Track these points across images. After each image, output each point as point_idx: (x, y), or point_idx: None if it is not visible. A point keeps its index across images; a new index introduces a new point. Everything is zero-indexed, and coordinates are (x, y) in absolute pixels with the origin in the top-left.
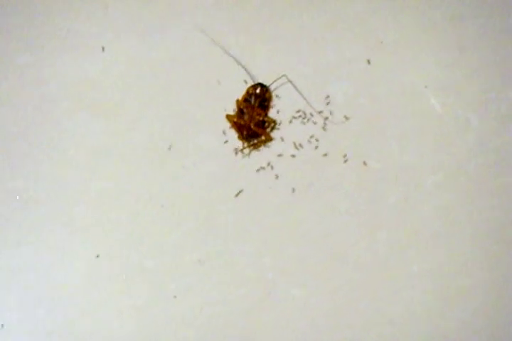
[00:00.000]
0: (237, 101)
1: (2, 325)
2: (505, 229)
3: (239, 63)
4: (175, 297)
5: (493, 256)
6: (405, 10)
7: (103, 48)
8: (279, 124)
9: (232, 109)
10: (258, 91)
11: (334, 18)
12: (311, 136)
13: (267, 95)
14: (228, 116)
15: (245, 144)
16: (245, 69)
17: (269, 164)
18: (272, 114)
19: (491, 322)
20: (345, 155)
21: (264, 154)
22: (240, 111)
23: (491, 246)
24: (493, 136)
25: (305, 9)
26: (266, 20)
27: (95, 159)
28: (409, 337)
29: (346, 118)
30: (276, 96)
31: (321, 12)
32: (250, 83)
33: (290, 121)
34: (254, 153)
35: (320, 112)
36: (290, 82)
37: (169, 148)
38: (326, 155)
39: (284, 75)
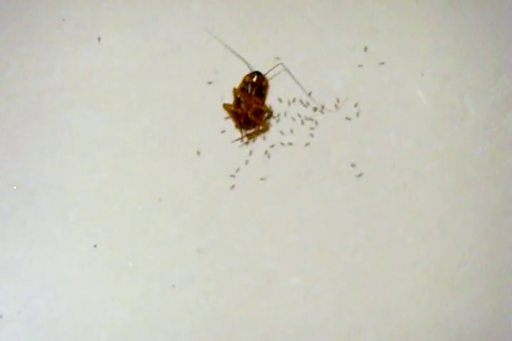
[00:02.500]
0: (234, 90)
1: (1, 316)
2: (504, 216)
3: (238, 55)
4: (173, 286)
5: (493, 242)
6: None
7: (99, 39)
8: (277, 115)
9: (229, 98)
10: (255, 79)
11: (331, 6)
12: (308, 124)
13: (263, 83)
14: (225, 105)
15: (243, 133)
16: (243, 60)
17: (266, 152)
18: (270, 102)
19: (493, 309)
20: (342, 143)
21: (261, 143)
22: (237, 100)
23: (490, 232)
24: (491, 123)
25: None
26: (263, 9)
27: (93, 150)
28: (410, 324)
29: (343, 105)
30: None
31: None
32: (247, 71)
33: (286, 111)
34: (252, 142)
35: (316, 100)
36: (286, 70)
37: (167, 139)
38: (323, 143)
39: (280, 63)
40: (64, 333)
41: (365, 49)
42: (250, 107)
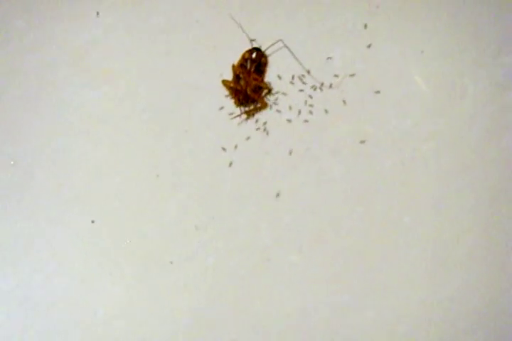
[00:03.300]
0: (233, 66)
1: None
2: (501, 196)
3: (240, 26)
4: (171, 263)
5: (490, 222)
6: None
7: (98, 13)
8: (276, 92)
9: (228, 75)
10: (254, 56)
11: None
12: (307, 101)
13: (262, 60)
14: (224, 82)
15: (242, 110)
16: (245, 33)
17: (264, 129)
18: (269, 78)
19: (489, 289)
20: (341, 121)
21: (259, 120)
22: (236, 77)
23: (486, 212)
24: (490, 102)
25: None
26: None
27: (91, 126)
28: (407, 303)
29: (342, 83)
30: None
31: None
32: (247, 47)
33: (285, 88)
34: (251, 118)
35: (316, 78)
36: (286, 46)
37: (165, 115)
38: (321, 120)
39: (280, 40)
40: (61, 308)
41: (365, 26)
42: (249, 84)
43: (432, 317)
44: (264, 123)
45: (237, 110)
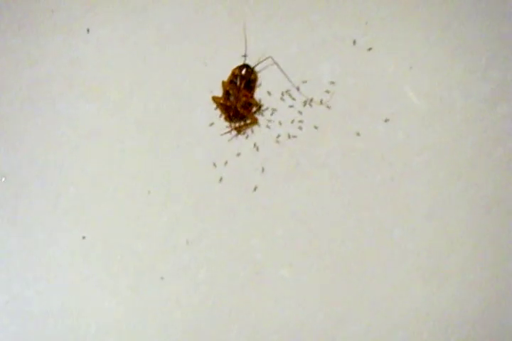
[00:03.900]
0: (223, 82)
1: None
2: (492, 209)
3: (236, 41)
4: (162, 278)
5: (481, 235)
6: None
7: (88, 30)
8: (266, 108)
9: (218, 91)
10: (244, 72)
11: None
12: (297, 117)
13: (252, 76)
14: (214, 98)
15: (231, 126)
16: (245, 44)
17: (254, 145)
18: (259, 94)
19: (482, 300)
20: (330, 136)
21: (249, 136)
22: (226, 93)
23: (478, 225)
24: (479, 116)
25: None
26: (253, 1)
27: (83, 141)
28: (400, 315)
29: (332, 98)
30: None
31: None
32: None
33: (274, 104)
34: (240, 134)
35: (305, 93)
36: (275, 63)
37: (157, 131)
38: (311, 135)
39: (269, 57)
40: (54, 323)
41: (354, 42)
42: (239, 100)
43: (426, 329)
44: (257, 140)
45: (228, 126)
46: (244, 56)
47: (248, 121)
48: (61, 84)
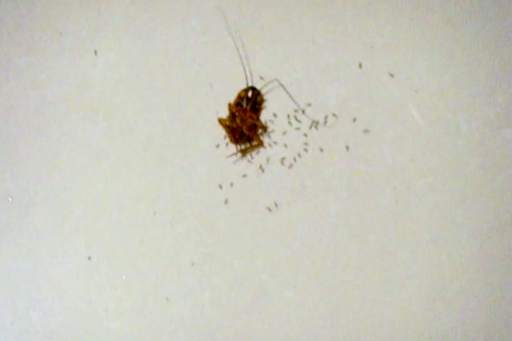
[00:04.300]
0: (229, 105)
1: None
2: (496, 232)
3: (242, 64)
4: (167, 299)
5: (485, 258)
6: (397, 15)
7: (95, 52)
8: (272, 130)
9: (224, 113)
10: (250, 94)
11: (326, 22)
12: (302, 139)
13: (258, 99)
14: (220, 120)
15: (237, 148)
16: (245, 71)
17: (260, 167)
18: (265, 117)
19: (485, 324)
20: (335, 158)
21: (255, 158)
22: (232, 115)
23: (481, 249)
24: (483, 140)
25: (297, 13)
26: (259, 24)
27: (90, 162)
28: (403, 338)
29: (337, 121)
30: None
31: (313, 16)
32: (243, 86)
33: (280, 126)
34: (246, 156)
35: (311, 116)
36: (281, 85)
37: (162, 153)
38: (316, 158)
39: (275, 79)
40: None
41: (360, 65)
42: (245, 122)
43: None
44: (262, 162)
45: (233, 148)
46: (246, 79)
47: (254, 143)
48: (68, 106)
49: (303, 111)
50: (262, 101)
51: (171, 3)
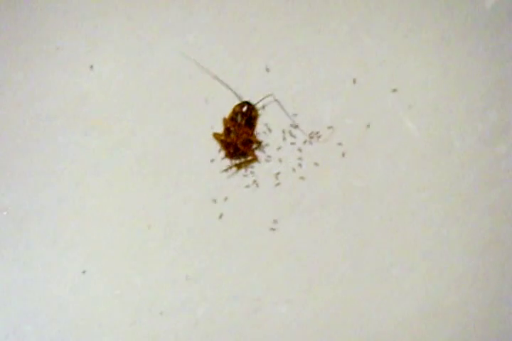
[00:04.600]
0: (224, 119)
1: None
2: (490, 248)
3: (226, 85)
4: (161, 313)
5: (479, 274)
6: (391, 32)
7: (91, 67)
8: (266, 144)
9: (219, 128)
10: (244, 109)
11: (321, 39)
12: (296, 155)
13: (253, 114)
14: (215, 135)
15: (232, 163)
16: (232, 90)
17: (254, 182)
18: (260, 132)
19: (481, 338)
20: (330, 174)
21: (249, 172)
22: (227, 130)
23: (476, 265)
24: (477, 156)
25: (292, 29)
26: (254, 40)
27: (84, 176)
28: None
29: (331, 137)
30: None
31: (308, 32)
32: (238, 101)
33: (275, 141)
34: (241, 171)
35: (305, 131)
36: (277, 100)
37: (157, 167)
38: (311, 173)
39: (270, 94)
40: None
41: (354, 81)
42: (240, 137)
43: None
44: (257, 177)
45: (228, 162)
46: (236, 95)
47: (248, 158)
48: (64, 120)
49: (297, 126)
50: (257, 116)
51: (167, 19)
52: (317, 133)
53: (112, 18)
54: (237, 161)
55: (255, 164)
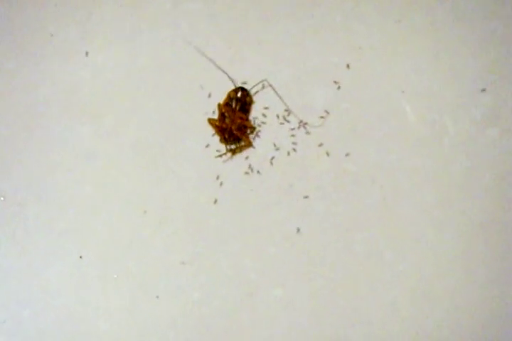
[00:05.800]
0: (219, 105)
1: None
2: (482, 231)
3: (221, 70)
4: (157, 297)
5: (471, 257)
6: (383, 17)
7: (87, 53)
8: (260, 127)
9: (214, 113)
10: (239, 95)
11: (314, 24)
12: (290, 139)
13: (247, 99)
14: (210, 120)
15: (227, 148)
16: (228, 75)
17: (249, 166)
18: (253, 117)
19: (472, 322)
20: (323, 158)
21: (244, 157)
22: (222, 115)
23: (468, 247)
24: (469, 140)
25: (286, 15)
26: (248, 26)
27: (80, 162)
28: (390, 336)
29: (325, 121)
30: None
31: (302, 18)
32: (232, 87)
33: (269, 126)
34: (235, 156)
35: (299, 116)
36: (271, 86)
37: (152, 152)
38: (305, 158)
39: (264, 80)
40: None
41: (348, 66)
42: (234, 122)
43: None
44: (251, 161)
45: (223, 148)
46: (231, 81)
47: (243, 143)
48: (59, 107)
49: (291, 112)
50: (251, 101)
51: (161, 6)
52: (311, 118)
53: (105, 4)
54: (232, 146)
55: (250, 149)
